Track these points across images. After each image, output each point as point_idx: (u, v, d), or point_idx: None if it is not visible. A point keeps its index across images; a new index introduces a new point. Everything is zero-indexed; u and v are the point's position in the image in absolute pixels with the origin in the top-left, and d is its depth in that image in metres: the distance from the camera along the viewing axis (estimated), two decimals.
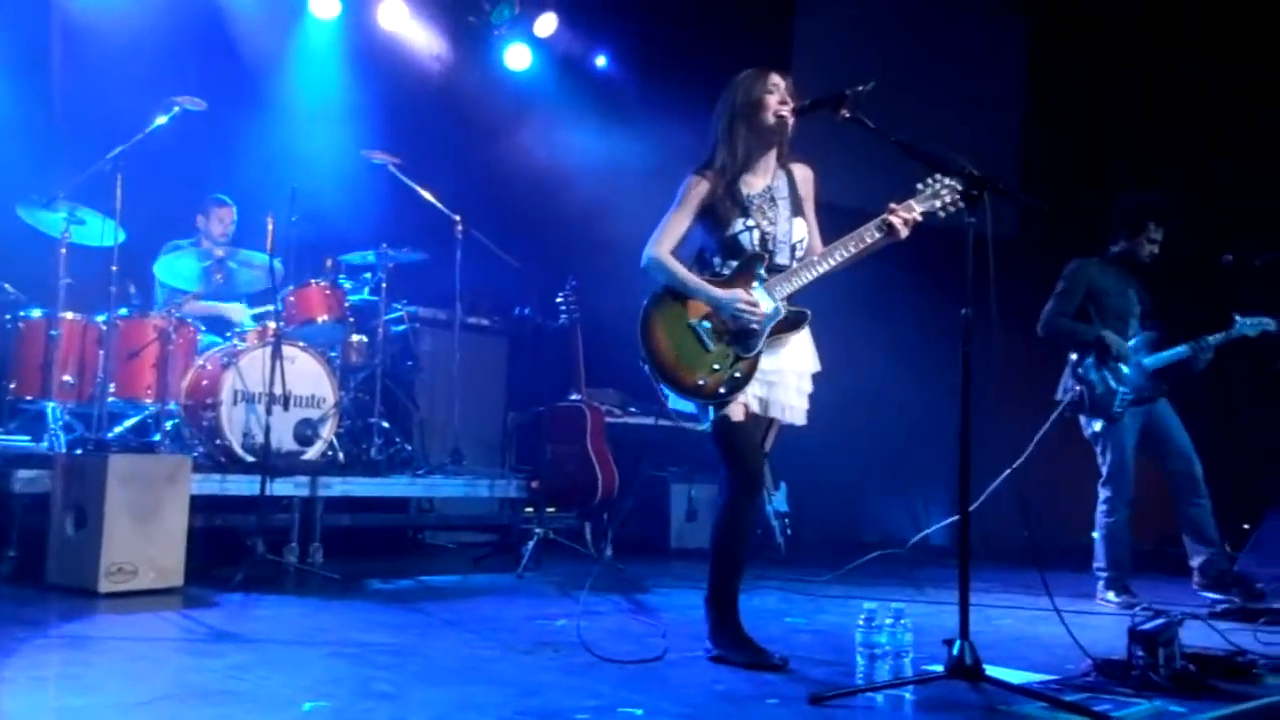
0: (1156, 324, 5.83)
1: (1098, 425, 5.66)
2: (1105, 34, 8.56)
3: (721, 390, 3.59)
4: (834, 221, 3.87)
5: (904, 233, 3.58)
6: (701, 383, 3.59)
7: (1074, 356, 5.71)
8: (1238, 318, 5.67)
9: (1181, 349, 5.67)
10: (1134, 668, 3.42)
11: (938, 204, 3.56)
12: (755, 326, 3.61)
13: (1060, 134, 8.95)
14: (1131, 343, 5.70)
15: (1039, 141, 9.29)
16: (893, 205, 3.59)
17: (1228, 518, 7.65)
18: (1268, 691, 3.42)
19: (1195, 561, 5.65)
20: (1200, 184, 8.12)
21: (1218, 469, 8.25)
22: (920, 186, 3.60)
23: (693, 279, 3.69)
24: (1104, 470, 5.70)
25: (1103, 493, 5.71)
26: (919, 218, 3.59)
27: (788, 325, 3.67)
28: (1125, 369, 5.60)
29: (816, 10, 8.60)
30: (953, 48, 9.11)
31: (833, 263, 3.64)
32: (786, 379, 3.72)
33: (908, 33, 8.88)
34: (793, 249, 3.74)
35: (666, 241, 3.73)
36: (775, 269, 3.70)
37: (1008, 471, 5.29)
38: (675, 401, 3.72)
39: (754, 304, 3.61)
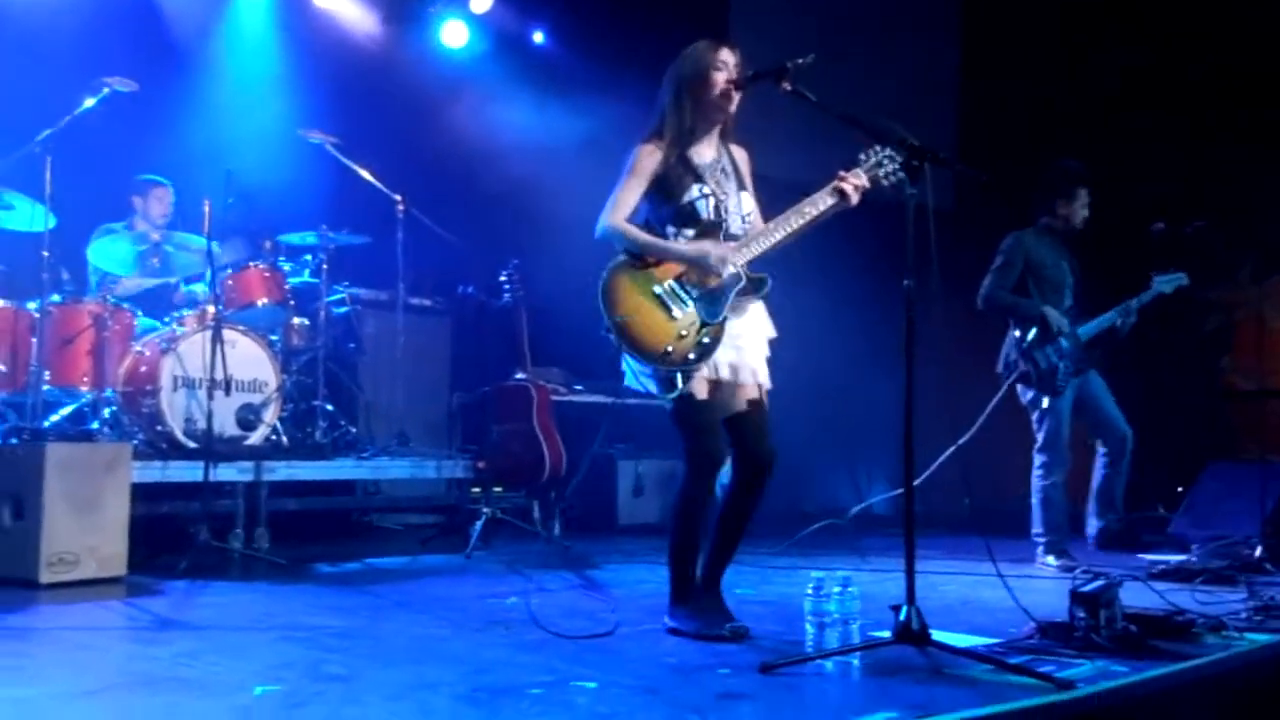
0: (1080, 292, 5.93)
1: (1034, 398, 5.76)
2: (1039, 6, 8.66)
3: (690, 357, 3.57)
4: (775, 195, 3.89)
5: (855, 199, 3.62)
6: (669, 350, 3.56)
7: (1017, 333, 5.80)
8: (1155, 277, 5.82)
9: (1110, 315, 5.81)
10: (1076, 629, 3.49)
11: (881, 172, 3.60)
12: (728, 277, 3.60)
13: (996, 105, 9.05)
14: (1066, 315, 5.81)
15: (975, 113, 9.39)
16: (842, 173, 3.62)
17: (1161, 480, 7.85)
18: (1207, 650, 3.50)
19: (1094, 525, 5.95)
20: (1134, 153, 8.26)
21: (1151, 431, 8.44)
22: (863, 156, 3.63)
23: (659, 240, 3.68)
24: (1040, 438, 5.80)
25: (1038, 458, 5.82)
26: (868, 184, 3.63)
27: (750, 290, 3.68)
28: (1065, 343, 5.70)
29: None
30: (890, 19, 9.18)
31: (788, 230, 3.66)
32: (751, 342, 3.73)
33: (845, 5, 8.92)
34: (744, 218, 3.76)
35: (622, 210, 3.70)
36: (729, 238, 3.71)
37: (953, 449, 5.39)
38: (631, 380, 3.72)
39: (725, 256, 3.60)
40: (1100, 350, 5.88)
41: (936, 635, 3.26)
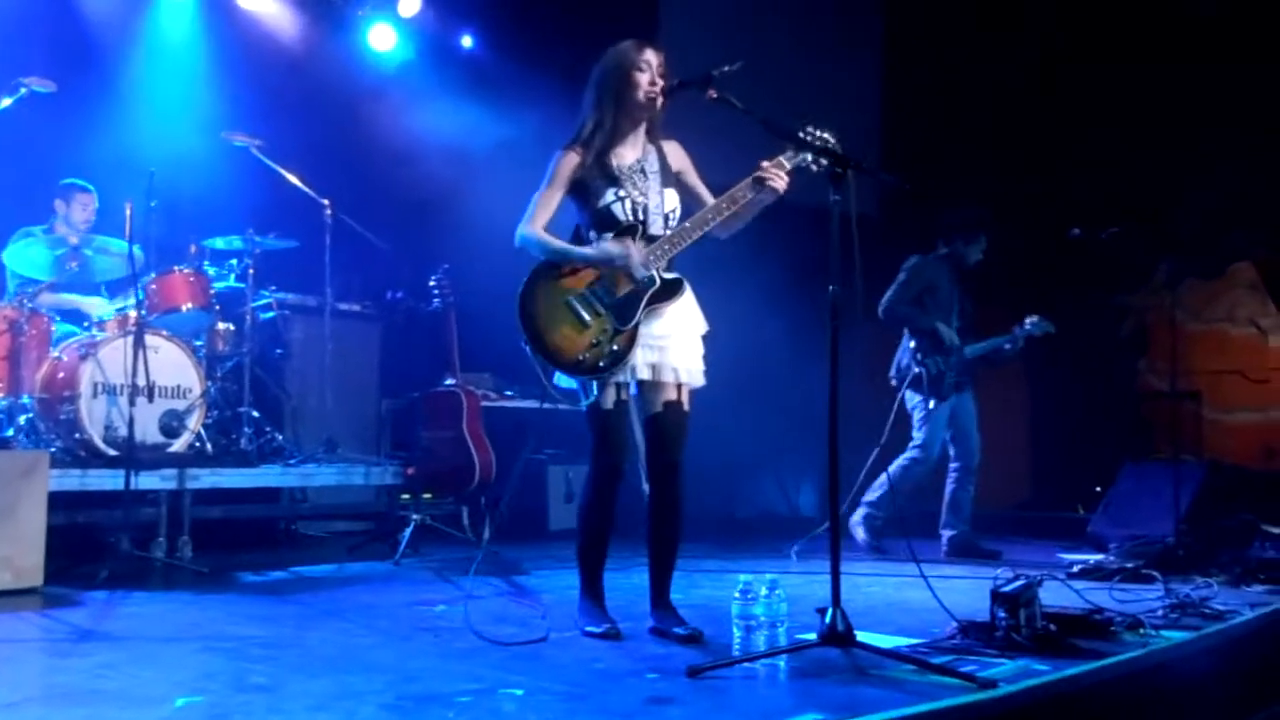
0: (971, 320, 6.47)
1: (915, 401, 6.28)
2: (958, 10, 8.81)
3: (601, 365, 3.61)
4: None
5: (780, 184, 3.63)
6: (581, 359, 3.60)
7: (912, 343, 6.31)
8: (1027, 319, 6.39)
9: (999, 339, 6.40)
10: (997, 629, 3.56)
11: (807, 158, 3.62)
12: (642, 281, 3.63)
13: (919, 114, 9.19)
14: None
15: (899, 122, 9.53)
16: (763, 162, 3.66)
17: (1080, 480, 8.03)
18: (1125, 648, 3.58)
19: (947, 533, 6.40)
20: (1050, 164, 8.45)
21: (1069, 432, 8.66)
22: (790, 153, 3.68)
23: (570, 247, 3.72)
24: (919, 437, 6.31)
25: (911, 451, 6.33)
26: (788, 167, 3.65)
27: (664, 294, 3.70)
28: (953, 357, 6.25)
29: None
30: (814, 26, 9.29)
31: (706, 227, 3.69)
32: (677, 341, 3.75)
33: (770, 14, 9.00)
34: (666, 219, 3.78)
35: (539, 218, 3.72)
36: (650, 239, 3.73)
37: (876, 450, 5.57)
38: (560, 378, 3.74)
39: (633, 257, 3.63)
40: (975, 373, 6.45)
41: (861, 636, 3.31)
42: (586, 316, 3.64)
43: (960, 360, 6.29)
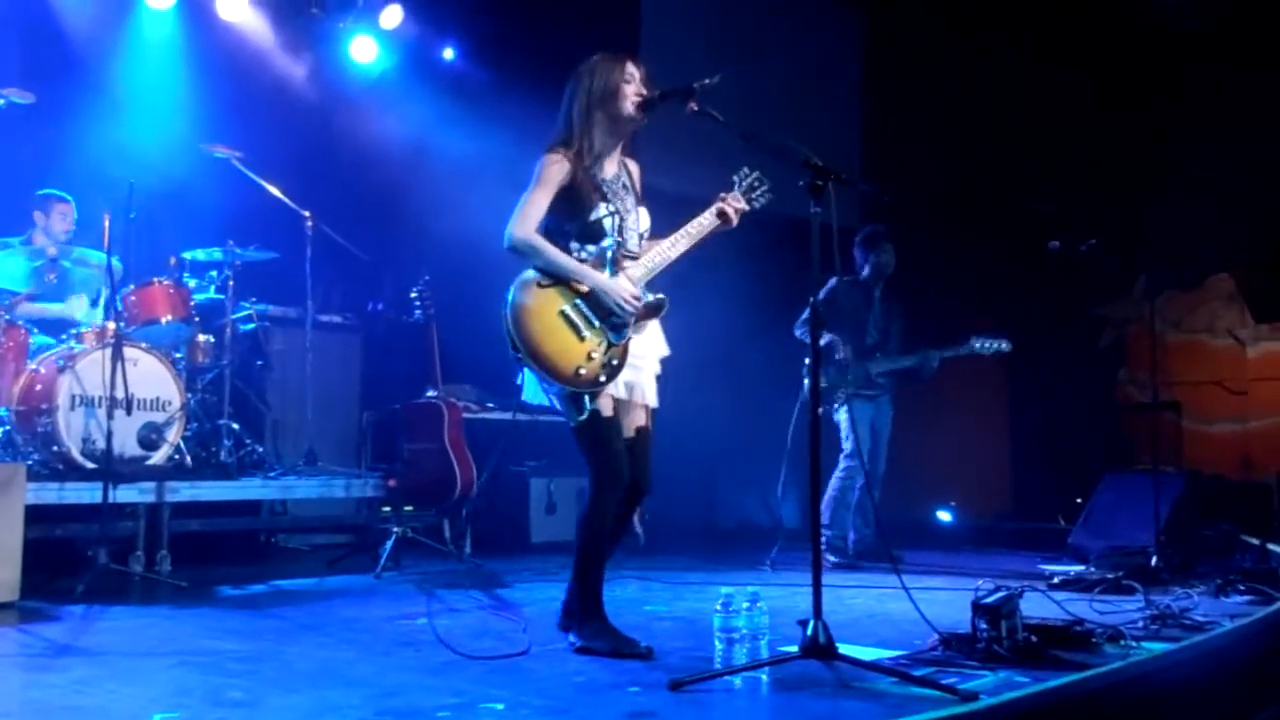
0: (890, 334, 6.71)
1: (841, 413, 6.53)
2: (938, 26, 8.86)
3: (601, 378, 3.60)
4: (675, 211, 3.94)
5: (734, 220, 3.80)
6: (581, 371, 3.58)
7: (807, 361, 6.44)
8: (974, 339, 6.50)
9: (910, 358, 6.62)
10: (978, 641, 3.57)
11: (753, 194, 3.84)
12: (631, 318, 3.64)
13: (900, 125, 9.23)
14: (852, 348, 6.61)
15: (879, 133, 9.57)
16: (724, 195, 3.80)
17: (1060, 491, 8.05)
18: (1106, 659, 3.59)
19: (853, 536, 6.58)
20: (1033, 172, 8.49)
21: (1050, 444, 8.69)
22: (736, 179, 3.84)
23: (572, 261, 3.66)
24: (847, 447, 6.57)
25: (844, 462, 6.59)
26: (745, 207, 3.82)
27: (649, 312, 3.72)
28: (849, 371, 6.55)
29: (662, 1, 8.69)
30: (795, 37, 9.33)
31: (678, 250, 3.77)
32: (648, 363, 3.79)
33: (751, 24, 9.03)
34: (641, 237, 3.82)
35: (530, 221, 3.66)
36: (628, 254, 3.75)
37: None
38: (531, 394, 3.73)
39: (638, 297, 3.66)
40: (894, 385, 6.74)
41: (843, 649, 3.31)
42: (583, 328, 3.62)
43: (861, 374, 6.57)
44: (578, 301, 3.64)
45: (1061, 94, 8.58)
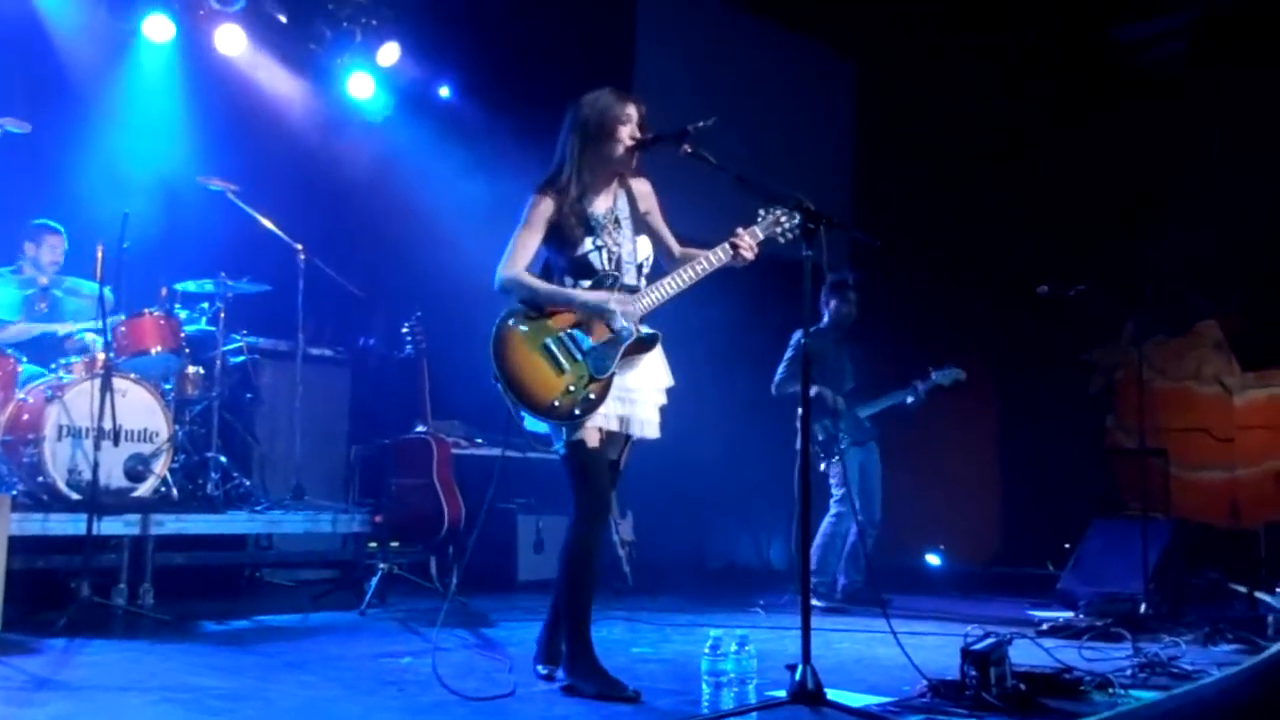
0: (863, 377, 6.79)
1: (827, 463, 6.60)
2: (929, 75, 8.94)
3: (576, 412, 3.60)
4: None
5: (749, 256, 3.76)
6: (556, 404, 3.59)
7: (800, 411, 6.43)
8: (933, 371, 6.68)
9: (896, 395, 6.71)
10: (967, 688, 3.55)
11: (777, 230, 3.77)
12: (622, 332, 3.65)
13: (891, 171, 9.29)
14: (841, 396, 6.62)
15: (871, 179, 9.64)
16: (739, 230, 3.76)
17: (1049, 537, 8.05)
18: (1094, 707, 3.58)
19: (843, 580, 6.54)
20: (1023, 217, 8.55)
21: (1039, 489, 8.70)
22: (761, 214, 3.79)
23: (560, 289, 3.72)
24: (837, 494, 6.56)
25: (834, 507, 6.57)
26: (762, 238, 3.78)
27: (640, 347, 3.72)
28: (842, 420, 6.56)
29: (657, 43, 8.75)
30: (787, 82, 9.41)
31: (681, 285, 3.76)
32: (645, 395, 3.78)
33: (747, 72, 9.11)
34: (639, 269, 3.81)
35: (519, 260, 3.72)
36: (624, 289, 3.75)
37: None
38: (531, 423, 3.72)
39: (626, 300, 3.67)
40: (879, 428, 6.77)
41: (831, 694, 3.29)
42: (563, 361, 3.64)
43: (853, 421, 6.64)
44: (563, 335, 3.66)
45: (1051, 141, 8.67)
